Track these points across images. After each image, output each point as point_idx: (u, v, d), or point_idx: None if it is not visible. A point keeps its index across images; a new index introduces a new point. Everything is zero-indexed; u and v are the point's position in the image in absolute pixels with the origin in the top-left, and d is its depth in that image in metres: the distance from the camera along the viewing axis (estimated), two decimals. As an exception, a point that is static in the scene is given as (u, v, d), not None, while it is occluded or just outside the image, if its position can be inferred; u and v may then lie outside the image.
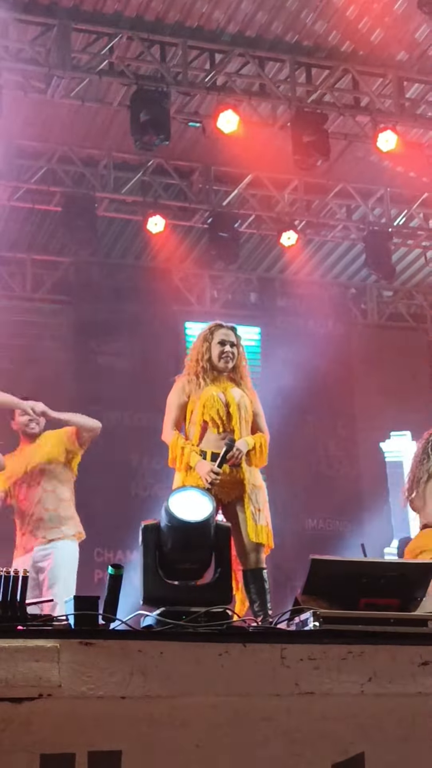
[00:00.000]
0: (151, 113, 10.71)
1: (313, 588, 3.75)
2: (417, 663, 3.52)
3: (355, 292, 15.17)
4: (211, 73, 11.18)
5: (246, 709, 3.32)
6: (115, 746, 3.17)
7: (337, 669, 3.43)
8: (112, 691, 3.21)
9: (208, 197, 13.01)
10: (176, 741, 3.23)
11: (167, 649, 3.30)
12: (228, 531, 3.83)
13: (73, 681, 3.18)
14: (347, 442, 14.30)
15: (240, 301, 14.73)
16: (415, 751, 3.45)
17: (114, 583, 3.61)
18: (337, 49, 11.41)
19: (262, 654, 3.38)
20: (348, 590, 3.72)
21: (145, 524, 3.76)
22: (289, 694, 3.36)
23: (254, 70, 11.37)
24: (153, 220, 12.77)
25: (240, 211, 13.25)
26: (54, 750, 3.12)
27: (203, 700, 3.29)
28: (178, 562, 3.71)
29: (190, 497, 3.76)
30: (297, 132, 11.29)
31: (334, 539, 13.17)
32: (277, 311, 14.49)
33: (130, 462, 13.10)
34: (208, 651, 3.34)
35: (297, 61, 11.40)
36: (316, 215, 13.59)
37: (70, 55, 10.59)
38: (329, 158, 11.48)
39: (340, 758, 3.36)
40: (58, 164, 12.40)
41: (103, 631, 3.39)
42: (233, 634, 3.50)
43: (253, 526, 6.17)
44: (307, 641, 3.48)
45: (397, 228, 13.81)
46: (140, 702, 3.22)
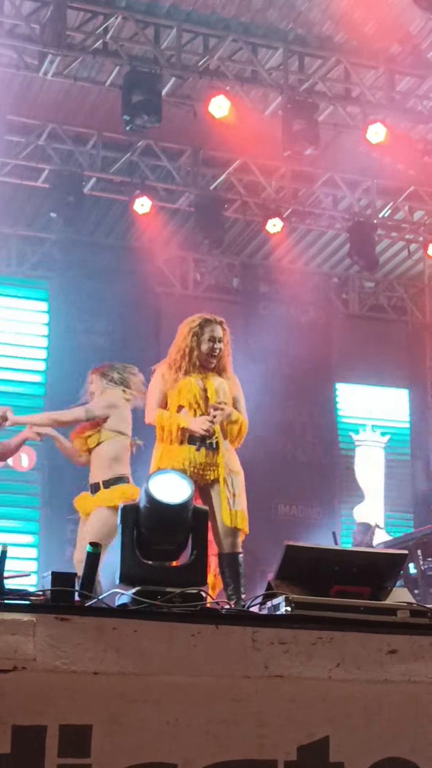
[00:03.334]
0: (143, 94, 10.73)
1: (286, 573, 3.80)
2: (385, 651, 3.57)
3: (337, 282, 15.23)
4: (205, 57, 11.19)
5: (216, 690, 3.37)
6: (86, 720, 3.22)
7: (307, 653, 3.48)
8: (86, 666, 3.25)
9: (195, 180, 13.03)
10: (147, 718, 3.28)
11: (141, 628, 3.35)
12: (206, 514, 3.88)
13: (48, 655, 3.22)
14: (324, 429, 14.38)
15: (222, 285, 14.77)
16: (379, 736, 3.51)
17: (91, 560, 3.66)
18: (331, 39, 11.45)
19: (233, 636, 3.43)
20: (320, 577, 3.77)
21: (124, 504, 3.81)
22: (259, 677, 3.41)
23: (247, 56, 11.39)
24: (140, 201, 12.79)
25: (227, 196, 13.28)
26: (25, 722, 3.16)
27: (175, 679, 3.34)
28: (155, 542, 3.75)
29: (169, 479, 3.81)
30: (287, 120, 11.34)
31: (306, 526, 13.27)
32: (259, 297, 14.54)
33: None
34: (181, 631, 3.39)
35: (290, 50, 11.44)
36: (303, 203, 13.64)
37: (64, 33, 10.58)
38: (318, 147, 11.52)
39: (306, 741, 3.42)
40: (47, 141, 12.39)
41: (79, 608, 3.44)
42: (206, 616, 3.55)
43: (227, 511, 6.20)
44: (279, 625, 3.53)
45: (381, 220, 13.88)
46: (113, 678, 3.27)
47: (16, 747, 3.11)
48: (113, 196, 13.18)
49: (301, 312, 14.60)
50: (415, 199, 13.87)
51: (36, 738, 3.15)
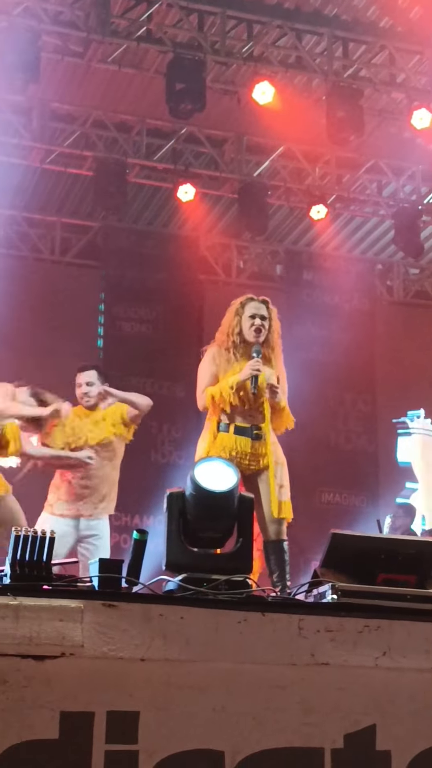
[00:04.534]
0: (186, 82, 10.71)
1: (332, 561, 3.81)
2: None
3: (381, 269, 15.15)
4: (249, 43, 11.16)
5: (262, 677, 3.39)
6: (133, 707, 3.24)
7: (353, 642, 3.49)
8: (133, 653, 3.27)
9: (239, 167, 12.99)
10: (193, 705, 3.29)
11: (188, 615, 3.37)
12: (251, 502, 3.89)
13: (95, 641, 3.25)
14: (367, 417, 14.32)
15: (266, 272, 14.73)
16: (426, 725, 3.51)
17: (138, 547, 3.67)
18: (376, 24, 11.37)
19: (280, 623, 3.44)
20: (366, 565, 3.78)
21: (170, 492, 3.82)
22: (305, 664, 3.42)
23: (291, 42, 11.34)
24: (183, 188, 12.78)
25: (270, 182, 13.24)
26: (74, 708, 3.19)
27: (221, 665, 3.36)
28: (201, 530, 3.76)
29: (215, 467, 3.82)
30: (332, 106, 11.27)
31: (350, 514, 13.24)
32: (302, 284, 14.48)
33: (150, 429, 13.14)
34: (227, 618, 3.40)
35: (335, 35, 11.36)
36: (347, 190, 13.57)
37: (109, 20, 10.58)
38: (363, 133, 11.46)
39: (352, 729, 3.43)
40: (92, 129, 12.40)
41: (126, 594, 3.46)
42: (253, 603, 3.56)
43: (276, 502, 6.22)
44: (325, 613, 3.54)
45: (427, 206, 13.77)
46: (160, 665, 3.29)
47: (64, 733, 3.15)
48: (157, 183, 13.18)
49: (344, 299, 14.54)
50: (461, 186, 13.78)
51: (84, 724, 3.18)
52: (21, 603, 3.21)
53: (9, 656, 3.15)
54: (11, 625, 3.17)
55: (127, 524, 11.99)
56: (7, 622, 3.17)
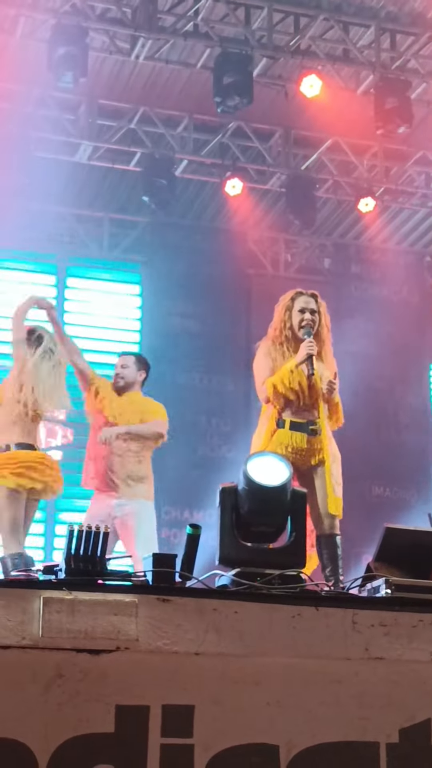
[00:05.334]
0: (234, 76, 10.72)
1: (385, 555, 3.80)
2: None
3: (430, 261, 15.07)
4: (296, 36, 11.14)
5: (317, 671, 3.38)
6: (188, 701, 3.25)
7: (408, 636, 3.48)
8: (187, 647, 3.28)
9: (286, 160, 12.97)
10: (247, 699, 3.30)
11: (241, 609, 3.37)
12: (304, 497, 3.89)
13: (150, 635, 3.26)
14: (417, 411, 14.26)
15: (314, 266, 14.70)
16: None
17: (191, 542, 3.68)
18: (423, 15, 11.31)
19: (334, 618, 3.44)
20: (420, 560, 3.76)
21: (223, 486, 3.82)
22: (360, 659, 3.42)
23: (338, 34, 11.31)
24: (231, 183, 12.78)
25: (318, 176, 13.21)
26: (129, 702, 3.20)
27: (275, 660, 3.36)
28: (253, 524, 3.77)
29: (267, 462, 3.82)
30: (380, 98, 11.24)
31: (400, 508, 13.19)
32: (351, 277, 14.45)
33: (199, 423, 13.19)
34: (281, 612, 3.40)
35: (382, 27, 11.33)
36: (395, 182, 13.50)
37: (156, 16, 10.62)
38: (411, 125, 11.40)
39: (407, 723, 3.41)
40: (139, 124, 12.43)
41: (180, 589, 3.47)
42: (306, 597, 3.56)
43: (333, 499, 6.23)
44: (379, 607, 3.52)
45: None
46: (214, 659, 3.30)
47: (119, 726, 3.16)
48: (204, 178, 13.19)
49: (393, 292, 14.48)
50: None
51: (139, 718, 3.19)
52: (76, 597, 3.22)
53: (65, 650, 3.17)
54: (67, 619, 3.19)
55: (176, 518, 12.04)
56: (63, 616, 3.19)
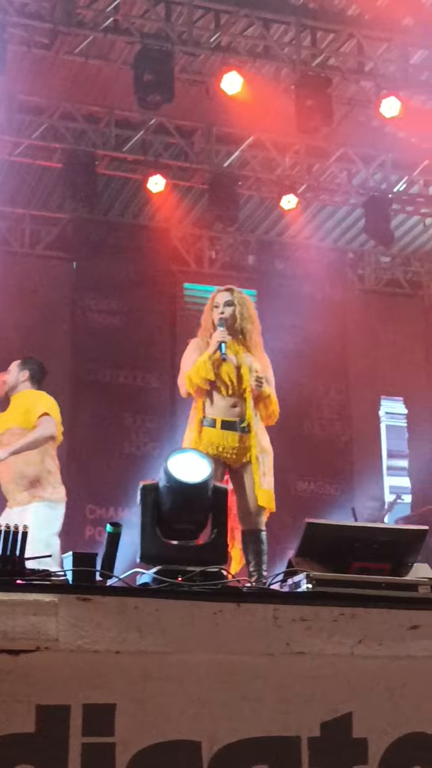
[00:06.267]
0: (154, 72, 10.69)
1: (306, 550, 3.81)
2: (407, 627, 3.58)
3: (352, 258, 15.18)
4: (216, 33, 11.14)
5: (238, 667, 3.38)
6: (109, 700, 3.24)
7: (329, 630, 3.49)
8: (108, 646, 3.27)
9: (209, 157, 12.98)
10: (170, 696, 3.29)
11: (163, 607, 3.36)
12: (225, 493, 3.89)
13: (70, 635, 3.24)
14: (340, 405, 14.36)
15: (238, 263, 14.73)
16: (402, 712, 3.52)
17: (112, 540, 3.66)
18: (343, 12, 11.38)
19: (255, 614, 3.44)
20: (341, 554, 3.78)
21: (144, 484, 3.81)
22: (281, 654, 3.42)
23: (259, 31, 11.33)
24: (153, 179, 12.75)
25: (241, 173, 13.23)
26: (50, 701, 3.18)
27: (196, 657, 3.35)
28: (175, 522, 3.76)
29: (188, 459, 3.81)
30: (300, 95, 11.27)
31: (325, 502, 13.27)
32: (274, 274, 14.50)
33: (124, 421, 13.16)
34: (202, 609, 3.40)
35: (302, 24, 11.36)
36: (317, 179, 13.58)
37: (75, 11, 10.55)
38: (332, 122, 11.46)
39: (329, 717, 3.43)
40: (60, 120, 12.36)
41: (100, 587, 3.45)
42: (227, 594, 3.56)
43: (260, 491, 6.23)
44: (300, 602, 3.53)
45: (397, 194, 13.81)
46: (135, 657, 3.29)
47: (40, 726, 3.14)
48: (127, 174, 13.15)
49: (316, 288, 14.56)
50: (430, 173, 13.80)
51: (60, 717, 3.17)
52: (-5, 598, 3.20)
53: (-17, 651, 3.14)
54: (-15, 620, 3.16)
55: (101, 517, 12.00)
56: (-19, 617, 3.16)
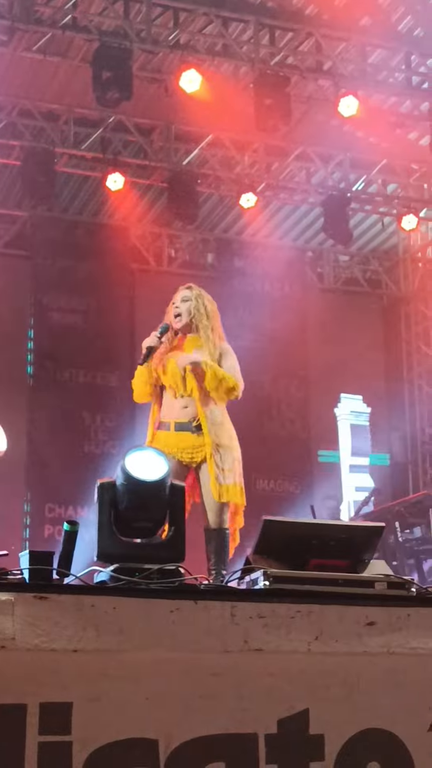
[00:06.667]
0: (113, 70, 10.66)
1: (264, 548, 3.82)
2: (363, 623, 3.60)
3: (311, 256, 15.21)
4: (175, 31, 11.13)
5: (196, 665, 3.39)
6: (66, 698, 3.23)
7: (286, 627, 3.50)
8: (65, 644, 3.26)
9: (168, 156, 12.96)
10: (127, 694, 3.29)
11: (120, 605, 3.36)
12: (182, 490, 3.89)
13: (27, 634, 3.23)
14: (300, 403, 14.39)
15: (197, 261, 14.72)
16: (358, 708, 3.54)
17: (69, 539, 3.66)
18: (301, 11, 11.41)
19: (212, 611, 3.45)
20: (298, 551, 3.79)
21: (101, 482, 3.80)
22: (238, 651, 3.43)
23: (218, 29, 11.34)
24: (112, 177, 12.71)
25: (200, 171, 13.22)
26: (6, 700, 3.17)
27: (154, 654, 3.36)
28: (132, 520, 3.76)
29: (146, 457, 3.81)
30: (259, 94, 11.29)
31: (285, 500, 13.29)
32: (233, 273, 14.50)
33: (84, 419, 13.12)
34: (160, 607, 3.41)
35: (261, 23, 11.38)
36: (276, 178, 13.60)
37: (33, 8, 10.51)
38: (290, 121, 11.48)
39: (286, 714, 3.45)
40: (18, 118, 12.30)
41: (57, 586, 3.44)
42: (185, 591, 3.56)
43: (216, 487, 6.18)
44: (257, 599, 3.55)
45: (355, 193, 13.85)
46: (92, 655, 3.28)
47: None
48: (85, 172, 13.11)
49: (275, 287, 14.57)
50: (388, 172, 13.86)
51: (16, 716, 3.16)
52: None
53: None
54: None
55: (60, 516, 11.97)
56: None
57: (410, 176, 13.96)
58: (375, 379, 15.07)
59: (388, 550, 10.37)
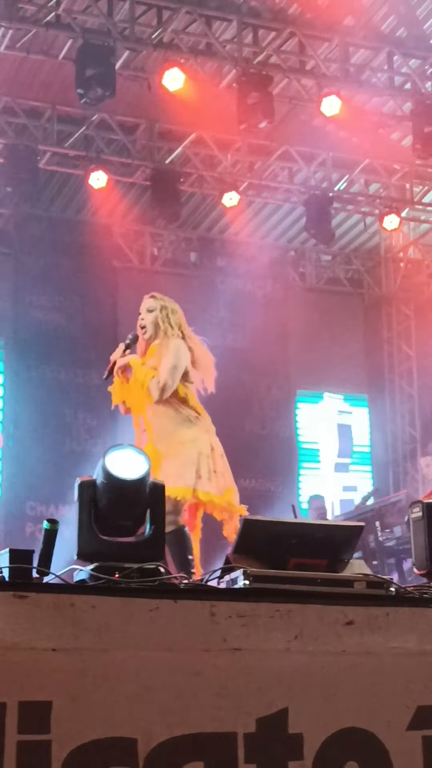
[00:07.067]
0: (96, 68, 10.65)
1: (243, 547, 3.82)
2: (342, 622, 3.60)
3: (293, 255, 15.24)
4: (158, 29, 11.13)
5: (175, 664, 3.39)
6: (45, 697, 3.22)
7: (265, 626, 3.51)
8: (44, 643, 3.26)
9: (151, 154, 12.97)
10: (105, 693, 3.29)
11: (100, 604, 3.36)
12: (162, 489, 3.88)
13: (6, 632, 3.22)
14: (281, 403, 14.41)
15: (180, 259, 14.74)
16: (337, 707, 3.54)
17: (49, 537, 3.65)
18: (285, 11, 11.42)
19: (192, 610, 3.44)
20: (278, 550, 3.79)
21: (81, 480, 3.79)
22: (218, 650, 3.43)
23: (201, 28, 11.34)
24: (95, 175, 12.70)
25: (183, 170, 13.23)
26: (-16, 699, 3.17)
27: (133, 653, 3.35)
28: (112, 518, 3.75)
29: (126, 455, 3.80)
30: (242, 93, 11.29)
31: (266, 499, 13.30)
32: (216, 271, 14.52)
33: (65, 417, 13.12)
34: (139, 606, 3.40)
35: (244, 22, 11.40)
36: (258, 177, 13.62)
37: (16, 5, 10.49)
38: (273, 120, 11.49)
39: (265, 713, 3.44)
40: (1, 115, 12.29)
41: (37, 584, 3.44)
42: (164, 590, 3.56)
43: None
44: (237, 599, 3.54)
45: (337, 193, 13.89)
46: (72, 654, 3.28)
47: (-25, 724, 3.12)
48: (68, 170, 13.10)
49: (258, 285, 14.60)
50: (371, 172, 13.90)
51: (-4, 715, 3.16)
52: None
53: None
54: None
55: (42, 514, 11.96)
56: None
57: (392, 176, 14.00)
58: (356, 379, 15.11)
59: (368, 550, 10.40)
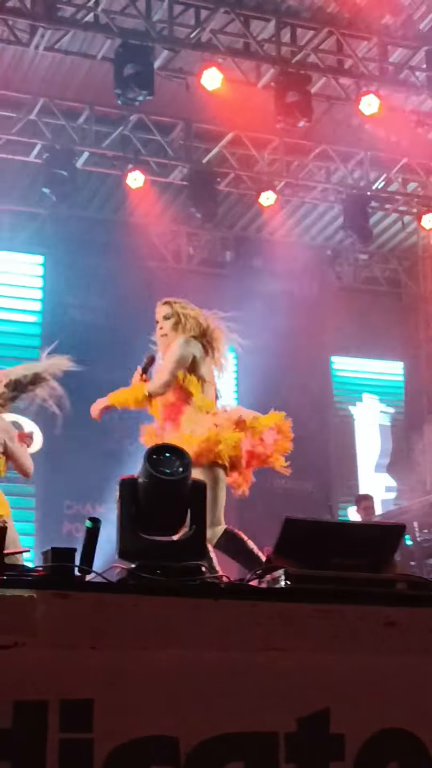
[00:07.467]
0: (135, 68, 10.69)
1: (285, 547, 3.81)
2: (383, 623, 3.59)
3: (331, 255, 15.21)
4: (196, 29, 11.14)
5: (216, 663, 3.39)
6: (87, 695, 3.23)
7: (306, 626, 3.50)
8: (86, 641, 3.27)
9: (188, 154, 12.97)
10: (147, 692, 3.29)
11: (141, 602, 3.36)
12: (204, 488, 3.88)
13: (48, 630, 3.24)
14: (318, 403, 14.37)
15: (215, 259, 14.74)
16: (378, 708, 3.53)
17: (90, 536, 3.65)
18: (323, 10, 11.40)
19: (233, 610, 3.45)
20: (319, 550, 3.78)
21: (122, 479, 3.79)
22: (259, 650, 3.43)
23: (239, 27, 11.34)
24: (132, 175, 12.74)
25: (219, 169, 13.23)
26: (27, 697, 3.17)
27: (174, 652, 3.35)
28: (154, 517, 3.75)
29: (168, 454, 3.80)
30: (280, 92, 11.29)
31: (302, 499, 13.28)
32: (252, 271, 14.50)
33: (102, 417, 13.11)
34: (180, 605, 3.40)
35: (282, 21, 11.39)
36: (296, 176, 13.60)
37: (55, 6, 10.54)
38: (311, 119, 11.48)
39: (306, 713, 3.44)
40: (39, 116, 12.33)
41: (78, 583, 3.44)
42: (206, 590, 3.56)
43: None
44: (278, 599, 3.54)
45: (375, 192, 13.84)
46: (113, 653, 3.28)
47: (17, 722, 3.13)
48: (106, 170, 13.13)
49: (294, 285, 14.57)
50: (408, 171, 13.84)
51: (37, 713, 3.16)
52: (-28, 593, 3.19)
53: (-39, 647, 3.14)
54: (-37, 615, 3.15)
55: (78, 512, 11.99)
56: (-41, 612, 3.16)
57: (430, 175, 13.93)
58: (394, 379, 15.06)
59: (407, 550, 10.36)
